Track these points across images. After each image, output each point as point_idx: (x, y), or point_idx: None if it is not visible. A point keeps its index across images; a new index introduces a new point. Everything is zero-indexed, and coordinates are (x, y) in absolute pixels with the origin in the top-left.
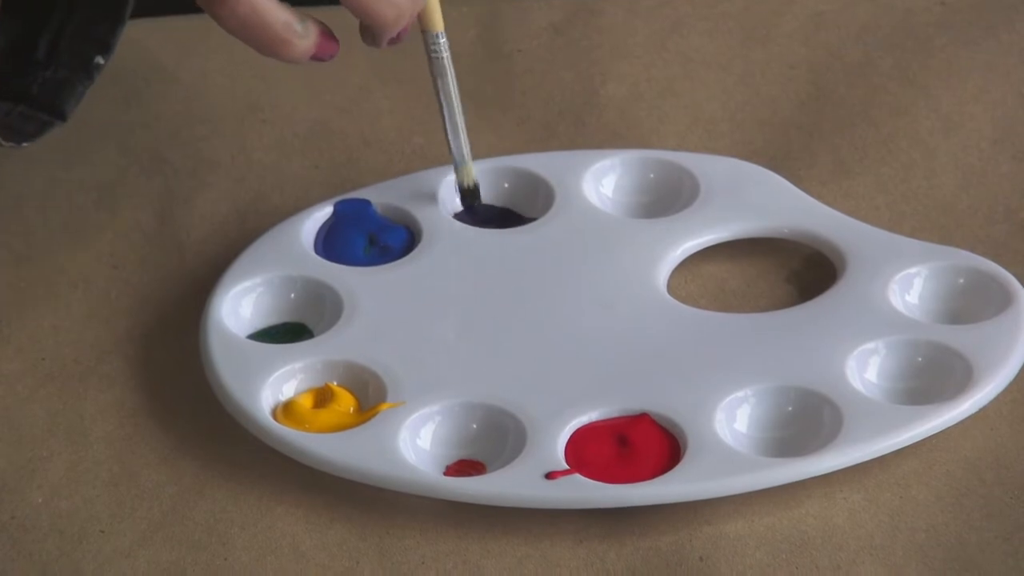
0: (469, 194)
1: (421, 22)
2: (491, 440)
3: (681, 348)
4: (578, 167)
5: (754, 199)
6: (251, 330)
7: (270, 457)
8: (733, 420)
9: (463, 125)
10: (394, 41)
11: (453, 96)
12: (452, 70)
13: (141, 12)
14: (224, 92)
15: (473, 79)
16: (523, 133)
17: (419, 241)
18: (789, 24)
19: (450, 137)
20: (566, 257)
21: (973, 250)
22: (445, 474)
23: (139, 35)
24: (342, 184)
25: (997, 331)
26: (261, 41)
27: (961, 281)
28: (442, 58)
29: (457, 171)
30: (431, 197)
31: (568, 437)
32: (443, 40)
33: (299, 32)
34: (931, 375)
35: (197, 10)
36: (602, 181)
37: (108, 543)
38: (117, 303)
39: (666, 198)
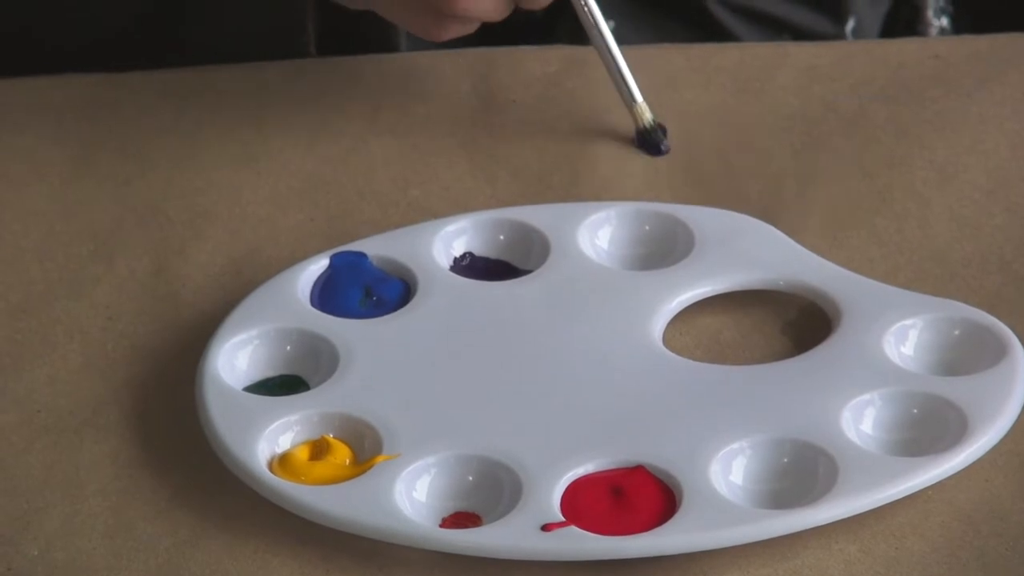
0: (648, 133)
1: None
2: (487, 492)
3: (676, 400)
4: (573, 219)
5: (749, 251)
6: (247, 382)
7: (266, 509)
8: (729, 472)
9: (626, 67)
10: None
11: (610, 42)
12: (600, 18)
13: (137, 65)
14: (219, 143)
15: (467, 129)
16: (518, 185)
17: (415, 293)
18: (783, 77)
19: (617, 82)
20: (561, 309)
21: (968, 301)
22: (441, 526)
23: (136, 87)
24: (338, 236)
25: (992, 382)
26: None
27: (956, 333)
28: (590, 8)
29: (632, 113)
30: (427, 249)
31: (564, 489)
32: None
33: None
34: (926, 427)
35: (193, 63)
36: (597, 233)
37: None
38: (113, 354)
39: (661, 250)
